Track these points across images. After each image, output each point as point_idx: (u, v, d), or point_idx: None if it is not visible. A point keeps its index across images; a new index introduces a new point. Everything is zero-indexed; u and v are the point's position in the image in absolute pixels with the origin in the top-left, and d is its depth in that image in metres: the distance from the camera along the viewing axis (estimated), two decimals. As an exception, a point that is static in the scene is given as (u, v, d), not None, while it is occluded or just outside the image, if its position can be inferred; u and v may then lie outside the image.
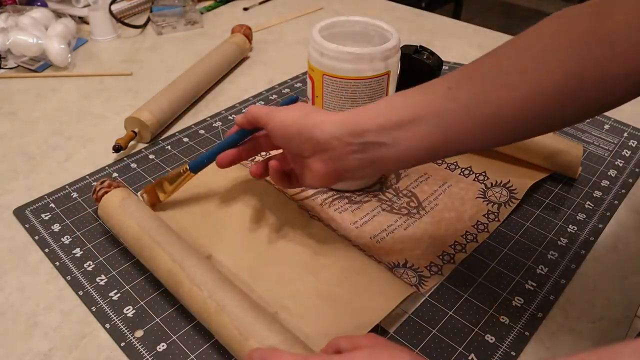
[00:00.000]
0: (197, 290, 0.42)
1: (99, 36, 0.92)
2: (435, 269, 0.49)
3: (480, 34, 0.96)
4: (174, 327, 0.44)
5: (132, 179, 0.60)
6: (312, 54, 0.52)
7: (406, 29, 0.98)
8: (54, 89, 0.79)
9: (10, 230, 0.54)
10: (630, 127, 0.69)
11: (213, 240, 0.51)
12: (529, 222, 0.55)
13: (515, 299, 0.47)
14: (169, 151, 0.65)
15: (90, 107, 0.74)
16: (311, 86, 0.54)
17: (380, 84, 0.51)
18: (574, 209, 0.56)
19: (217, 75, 0.79)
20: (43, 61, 0.83)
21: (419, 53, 0.55)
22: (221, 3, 1.07)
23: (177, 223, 0.52)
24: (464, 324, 0.44)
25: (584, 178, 0.60)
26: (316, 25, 0.53)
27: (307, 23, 1.00)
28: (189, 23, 0.97)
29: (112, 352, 0.42)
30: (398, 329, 0.44)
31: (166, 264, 0.44)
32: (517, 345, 0.43)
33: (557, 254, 0.51)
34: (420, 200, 0.57)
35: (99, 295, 0.47)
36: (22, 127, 0.70)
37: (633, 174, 0.61)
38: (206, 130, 0.69)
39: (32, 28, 0.83)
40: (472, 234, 0.53)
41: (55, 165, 0.63)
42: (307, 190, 0.58)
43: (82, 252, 0.51)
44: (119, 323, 0.44)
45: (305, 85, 0.79)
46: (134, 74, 0.82)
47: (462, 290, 0.47)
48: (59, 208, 0.56)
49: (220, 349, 0.42)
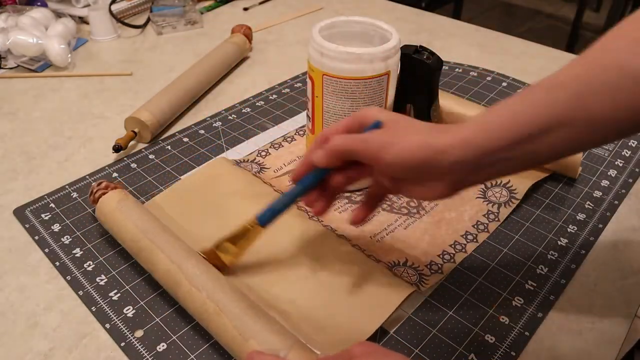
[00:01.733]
0: (195, 291, 0.42)
1: (99, 36, 0.92)
2: (435, 267, 0.49)
3: (480, 34, 0.96)
4: (174, 327, 0.44)
5: (132, 179, 0.60)
6: (312, 54, 0.52)
7: (406, 29, 0.98)
8: (54, 89, 0.79)
9: (10, 230, 0.54)
10: (630, 127, 0.69)
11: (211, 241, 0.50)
12: (529, 222, 0.55)
13: (515, 299, 0.47)
14: (169, 151, 0.65)
15: (90, 107, 0.74)
16: (311, 86, 0.54)
17: (380, 84, 0.51)
18: (574, 209, 0.56)
19: (217, 75, 0.79)
20: (43, 61, 0.83)
21: (419, 53, 0.55)
22: (221, 3, 1.07)
23: (175, 224, 0.52)
24: (464, 324, 0.44)
25: (584, 178, 0.60)
26: (316, 25, 0.53)
27: (307, 23, 1.00)
28: (189, 23, 0.97)
29: (112, 352, 0.42)
30: (398, 329, 0.44)
31: (164, 265, 0.44)
32: (517, 345, 0.43)
33: (557, 254, 0.51)
34: (420, 200, 0.57)
35: (99, 295, 0.47)
36: (22, 127, 0.70)
37: (633, 174, 0.61)
38: (206, 130, 0.69)
39: (32, 28, 0.83)
40: (472, 234, 0.53)
41: (55, 165, 0.63)
42: (307, 190, 0.58)
43: (82, 252, 0.51)
44: (119, 323, 0.44)
45: (305, 85, 0.79)
46: (134, 74, 0.82)
47: (462, 290, 0.47)
48: (59, 208, 0.56)
49: (220, 349, 0.42)
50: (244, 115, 0.72)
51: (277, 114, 0.72)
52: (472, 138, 0.37)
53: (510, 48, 0.90)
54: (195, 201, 0.55)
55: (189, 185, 0.57)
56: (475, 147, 0.36)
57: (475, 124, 0.37)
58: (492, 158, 0.36)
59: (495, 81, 0.79)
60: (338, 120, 0.53)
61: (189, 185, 0.57)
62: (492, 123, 0.37)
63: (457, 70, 0.82)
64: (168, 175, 0.61)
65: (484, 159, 0.36)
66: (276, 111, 0.73)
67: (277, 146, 0.65)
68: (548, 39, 1.76)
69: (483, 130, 0.37)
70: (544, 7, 2.96)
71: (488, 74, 0.81)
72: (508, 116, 0.36)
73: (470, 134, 0.37)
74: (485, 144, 0.36)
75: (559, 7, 2.96)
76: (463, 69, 0.82)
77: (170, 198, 0.56)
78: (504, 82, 0.79)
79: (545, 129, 0.35)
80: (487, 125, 0.37)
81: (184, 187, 0.57)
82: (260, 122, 0.70)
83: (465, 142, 0.37)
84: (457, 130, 0.37)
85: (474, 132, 0.37)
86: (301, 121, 0.70)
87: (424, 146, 0.37)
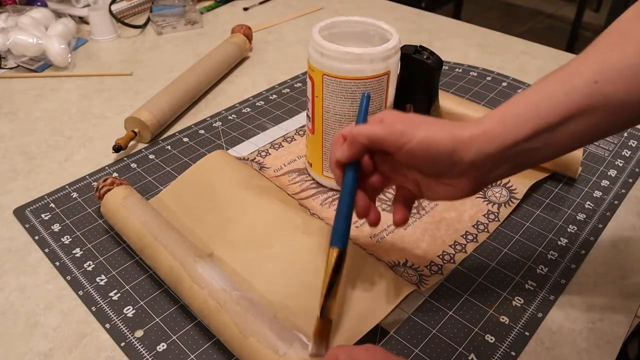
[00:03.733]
0: (197, 288, 0.42)
1: (99, 36, 0.92)
2: (435, 268, 0.49)
3: (480, 34, 0.96)
4: (174, 327, 0.44)
5: (132, 179, 0.60)
6: (312, 54, 0.52)
7: (406, 29, 0.98)
8: (54, 89, 0.79)
9: (10, 230, 0.54)
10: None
11: (214, 238, 0.51)
12: (529, 222, 0.55)
13: (515, 299, 0.47)
14: (169, 151, 0.65)
15: (90, 107, 0.74)
16: (311, 86, 0.54)
17: (380, 84, 0.51)
18: (574, 209, 0.56)
19: (217, 75, 0.79)
20: (43, 61, 0.83)
21: (419, 53, 0.55)
22: (221, 3, 1.07)
23: (179, 221, 0.52)
24: (464, 324, 0.44)
25: (584, 178, 0.60)
26: (316, 25, 0.53)
27: (307, 23, 1.00)
28: (189, 23, 0.97)
29: (112, 352, 0.42)
30: (398, 329, 0.44)
31: (168, 261, 0.44)
32: (517, 345, 0.43)
33: (557, 254, 0.51)
34: (420, 200, 0.57)
35: (99, 295, 0.47)
36: (22, 127, 0.70)
37: (633, 174, 0.61)
38: (206, 130, 0.69)
39: (32, 28, 0.83)
40: (472, 234, 0.53)
41: (55, 165, 0.63)
42: (307, 190, 0.58)
43: (82, 252, 0.51)
44: (119, 323, 0.44)
45: (305, 85, 0.79)
46: (134, 74, 0.82)
47: (462, 290, 0.47)
48: (59, 208, 0.56)
49: (220, 349, 0.42)
50: (244, 115, 0.72)
51: (277, 114, 0.72)
52: (492, 129, 0.36)
53: (510, 48, 0.90)
54: (198, 196, 0.55)
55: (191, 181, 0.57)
56: (497, 139, 0.36)
57: (493, 118, 0.37)
58: (514, 150, 0.36)
59: (495, 81, 0.79)
60: (338, 120, 0.53)
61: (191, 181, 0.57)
62: (512, 115, 0.36)
63: (457, 70, 0.82)
64: (168, 175, 0.61)
65: (506, 150, 0.36)
66: (276, 111, 0.73)
67: (277, 146, 0.65)
68: (548, 39, 1.76)
69: (503, 122, 0.36)
70: (544, 7, 2.96)
71: (488, 74, 0.81)
72: (527, 108, 0.36)
73: (491, 127, 0.36)
74: (506, 136, 0.36)
75: (559, 7, 2.96)
76: (463, 69, 0.82)
77: (174, 194, 0.56)
78: (504, 82, 0.79)
79: (566, 117, 0.35)
80: (506, 118, 0.37)
81: (186, 183, 0.57)
82: (260, 122, 0.70)
83: (486, 135, 0.36)
84: (477, 124, 0.37)
85: (494, 126, 0.36)
86: (301, 121, 0.70)
87: (448, 135, 0.37)
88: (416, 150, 0.37)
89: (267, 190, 0.55)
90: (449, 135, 0.37)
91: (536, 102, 0.36)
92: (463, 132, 0.37)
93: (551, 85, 0.36)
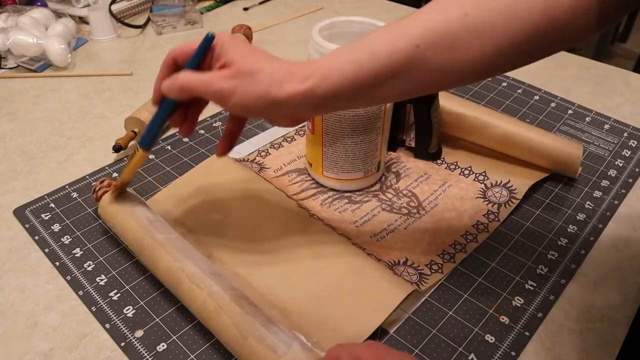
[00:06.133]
0: (196, 289, 0.42)
1: (99, 36, 0.92)
2: (435, 267, 0.49)
3: (480, 34, 0.96)
4: (174, 327, 0.44)
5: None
6: (312, 54, 0.52)
7: (406, 29, 0.98)
8: (54, 89, 0.79)
9: (10, 230, 0.54)
10: (630, 127, 0.69)
11: (213, 239, 0.51)
12: (529, 222, 0.55)
13: (515, 299, 0.47)
14: (169, 151, 0.65)
15: (90, 107, 0.74)
16: (311, 86, 0.53)
17: (380, 84, 0.51)
18: (574, 209, 0.56)
19: (217, 75, 0.79)
20: (43, 61, 0.83)
21: (419, 53, 0.55)
22: (221, 3, 1.07)
23: (177, 222, 0.52)
24: (464, 324, 0.44)
25: (584, 178, 0.60)
26: (316, 25, 0.53)
27: (307, 23, 1.00)
28: (189, 23, 0.97)
29: (112, 352, 0.42)
30: (398, 329, 0.44)
31: (166, 262, 0.44)
32: (517, 345, 0.43)
33: (557, 254, 0.51)
34: (420, 200, 0.57)
35: (99, 295, 0.47)
36: (22, 127, 0.70)
37: (633, 174, 0.61)
38: (206, 130, 0.69)
39: (32, 28, 0.83)
40: (472, 234, 0.53)
41: (55, 165, 0.63)
42: (307, 190, 0.58)
43: (82, 252, 0.51)
44: (119, 323, 0.44)
45: (305, 85, 0.79)
46: (134, 74, 0.82)
47: (462, 290, 0.47)
48: (59, 208, 0.56)
49: (220, 349, 0.42)
50: (244, 115, 0.72)
51: (277, 114, 0.72)
52: (314, 89, 0.37)
53: (510, 48, 0.90)
54: (196, 198, 0.55)
55: (190, 182, 0.57)
56: (315, 98, 0.38)
57: (319, 70, 0.38)
58: (333, 103, 0.39)
59: (495, 81, 0.79)
60: (338, 120, 0.53)
61: (190, 182, 0.57)
62: (336, 70, 0.37)
63: (457, 70, 0.82)
64: (168, 175, 0.61)
65: (324, 105, 0.39)
66: (276, 111, 0.73)
67: (277, 146, 0.65)
68: (548, 39, 1.74)
69: (325, 78, 0.37)
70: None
71: (488, 74, 0.80)
72: (351, 65, 0.37)
73: (312, 85, 0.37)
74: (326, 94, 0.38)
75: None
76: (463, 69, 0.82)
77: (172, 195, 0.56)
78: (504, 82, 0.79)
79: (386, 78, 0.37)
80: (330, 73, 0.37)
81: (185, 184, 0.57)
82: (260, 122, 0.70)
83: (304, 95, 0.38)
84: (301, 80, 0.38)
85: (315, 84, 0.37)
86: (301, 121, 0.70)
87: (262, 97, 0.38)
88: (234, 110, 0.41)
89: (266, 193, 0.55)
90: (264, 96, 0.38)
91: (360, 60, 0.37)
92: (281, 91, 0.38)
93: (376, 45, 0.37)
